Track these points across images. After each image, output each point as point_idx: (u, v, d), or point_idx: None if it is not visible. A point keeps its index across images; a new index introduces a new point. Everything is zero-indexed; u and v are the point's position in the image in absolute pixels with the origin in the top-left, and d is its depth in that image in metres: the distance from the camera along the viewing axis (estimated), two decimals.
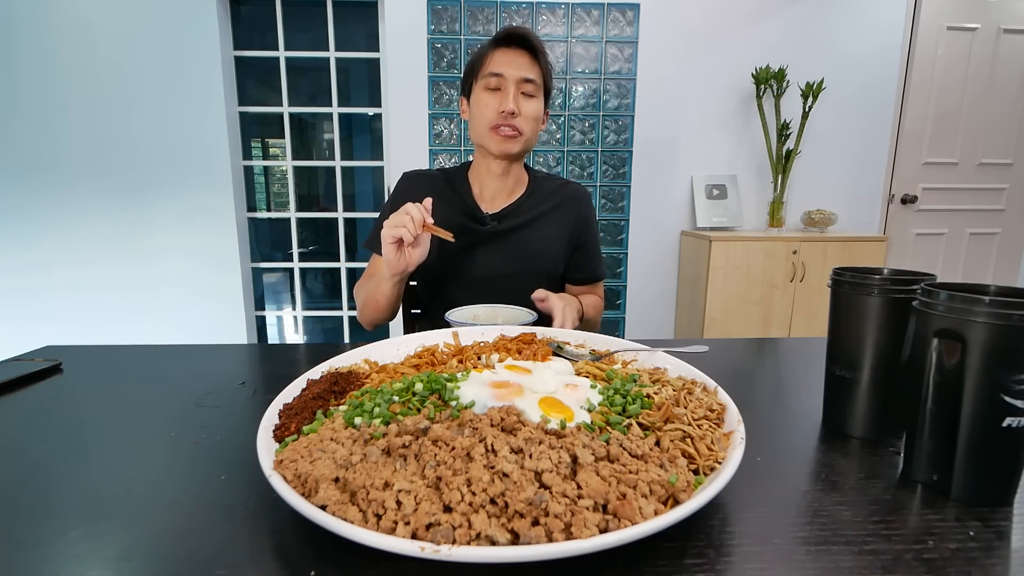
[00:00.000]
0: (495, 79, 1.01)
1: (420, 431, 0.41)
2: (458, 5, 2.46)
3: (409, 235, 0.85)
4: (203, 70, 2.41)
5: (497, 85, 1.02)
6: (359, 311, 1.07)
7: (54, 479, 0.47)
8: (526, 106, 1.03)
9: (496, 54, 1.02)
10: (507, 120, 1.01)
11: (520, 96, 1.02)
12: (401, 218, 0.86)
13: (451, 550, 0.30)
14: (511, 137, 1.03)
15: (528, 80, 1.01)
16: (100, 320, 2.57)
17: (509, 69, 1.01)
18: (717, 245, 2.37)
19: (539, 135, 1.28)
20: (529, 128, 1.04)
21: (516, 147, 1.04)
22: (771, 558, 0.36)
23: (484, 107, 1.03)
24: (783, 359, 0.89)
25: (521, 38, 1.02)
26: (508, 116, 1.01)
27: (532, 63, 1.03)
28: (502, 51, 1.02)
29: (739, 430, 0.45)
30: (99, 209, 2.48)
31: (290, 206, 2.71)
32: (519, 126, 1.02)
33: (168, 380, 0.74)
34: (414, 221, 0.85)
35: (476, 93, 1.05)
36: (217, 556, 0.36)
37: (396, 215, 0.87)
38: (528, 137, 1.05)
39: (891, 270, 0.56)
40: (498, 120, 1.02)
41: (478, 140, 1.07)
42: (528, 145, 1.07)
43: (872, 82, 2.65)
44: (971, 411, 0.42)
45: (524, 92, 1.02)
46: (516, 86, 1.01)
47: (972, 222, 2.86)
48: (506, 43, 1.03)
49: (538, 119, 1.06)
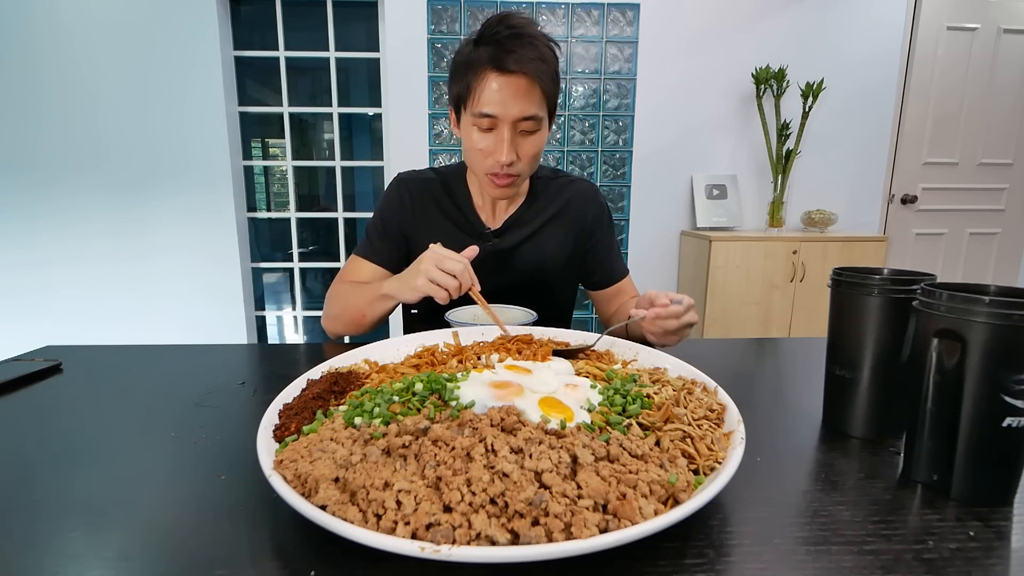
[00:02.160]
0: (488, 120, 0.86)
1: (420, 431, 0.41)
2: (458, 5, 2.46)
3: (446, 298, 0.76)
4: (203, 70, 2.41)
5: (490, 126, 0.87)
6: (331, 318, 0.95)
7: (54, 479, 0.47)
8: (525, 147, 0.90)
9: (488, 83, 0.84)
10: (503, 170, 0.89)
11: (518, 136, 0.89)
12: (445, 279, 0.75)
13: (451, 550, 0.30)
14: (508, 184, 0.92)
15: (528, 118, 0.87)
16: (100, 320, 2.57)
17: (504, 108, 0.84)
18: (717, 245, 2.37)
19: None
20: (530, 167, 0.93)
21: (514, 191, 0.96)
22: (771, 558, 0.36)
23: (477, 148, 0.90)
24: (783, 359, 0.89)
25: (519, 61, 0.83)
26: (505, 166, 0.89)
27: (531, 90, 0.85)
28: (494, 78, 0.84)
29: (739, 430, 0.45)
30: (99, 208, 2.48)
31: (290, 206, 2.71)
32: (517, 170, 0.90)
33: (168, 380, 0.74)
34: (461, 288, 0.76)
35: (466, 124, 0.90)
36: (217, 556, 0.36)
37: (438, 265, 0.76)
38: (527, 174, 0.95)
39: (891, 270, 0.56)
40: (494, 169, 0.90)
41: (472, 170, 0.97)
42: (527, 178, 0.97)
43: (872, 82, 2.65)
44: (971, 411, 0.42)
45: (523, 130, 0.88)
46: (512, 128, 0.87)
47: (972, 222, 2.86)
48: (497, 67, 0.84)
49: (539, 153, 0.93)
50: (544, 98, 0.88)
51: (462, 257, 0.77)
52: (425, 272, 0.76)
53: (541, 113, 0.88)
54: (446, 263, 0.76)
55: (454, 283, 0.75)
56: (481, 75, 0.85)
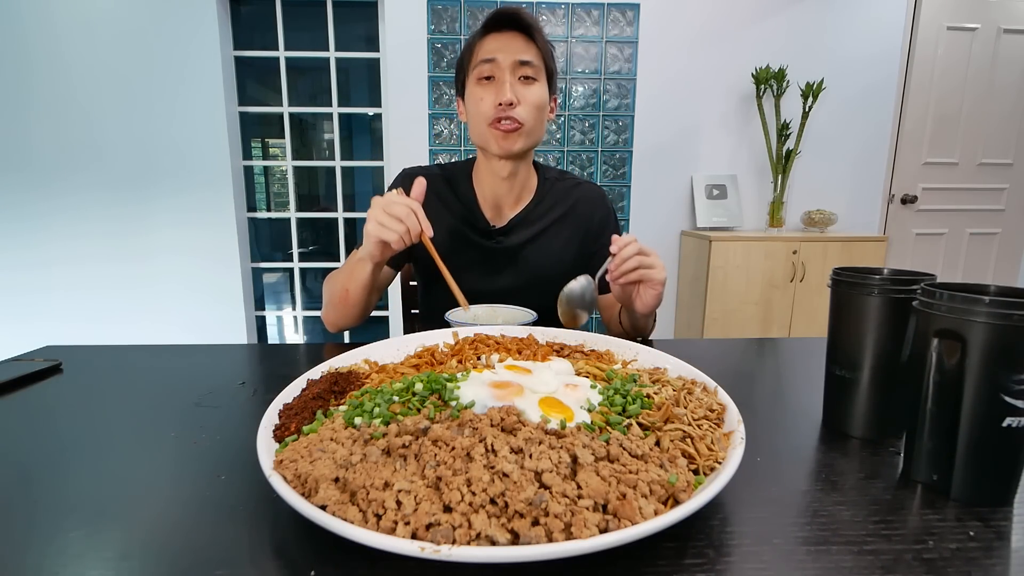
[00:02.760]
0: (487, 66, 0.90)
1: (420, 431, 0.41)
2: (458, 5, 2.46)
3: (400, 244, 0.75)
4: (203, 70, 2.41)
5: (490, 73, 0.91)
6: (326, 307, 0.95)
7: (54, 479, 0.47)
8: (526, 92, 0.91)
9: (485, 41, 0.92)
10: (506, 112, 0.90)
11: (518, 83, 0.91)
12: (392, 222, 0.74)
13: (451, 550, 0.30)
14: (513, 131, 0.91)
15: (524, 62, 0.90)
16: (100, 320, 2.57)
17: (501, 54, 0.90)
18: (717, 245, 2.37)
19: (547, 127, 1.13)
20: (532, 117, 0.92)
21: (519, 142, 0.93)
22: (771, 558, 0.36)
23: (479, 101, 0.92)
24: (783, 359, 0.89)
25: (511, 18, 0.91)
26: (506, 107, 0.89)
27: (527, 44, 0.91)
28: (492, 36, 0.92)
29: (739, 430, 0.45)
30: (99, 208, 2.48)
31: (290, 206, 2.71)
32: (520, 116, 0.91)
33: (168, 380, 0.74)
34: (411, 232, 0.75)
35: (470, 88, 0.94)
36: (217, 556, 0.36)
37: (385, 209, 0.75)
38: (532, 127, 0.94)
39: (891, 270, 0.56)
40: (496, 113, 0.90)
41: (478, 141, 0.97)
42: (534, 138, 0.96)
43: (872, 82, 2.65)
44: (971, 411, 0.42)
45: (523, 76, 0.91)
46: (512, 71, 0.90)
47: (972, 222, 2.86)
48: (495, 27, 0.92)
49: (542, 106, 0.94)
50: (540, 56, 0.93)
51: (411, 200, 0.76)
52: (372, 216, 0.75)
53: (538, 63, 0.92)
54: (392, 207, 0.74)
55: (400, 227, 0.74)
56: (480, 39, 0.93)
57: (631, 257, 0.77)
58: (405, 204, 0.75)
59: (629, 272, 0.78)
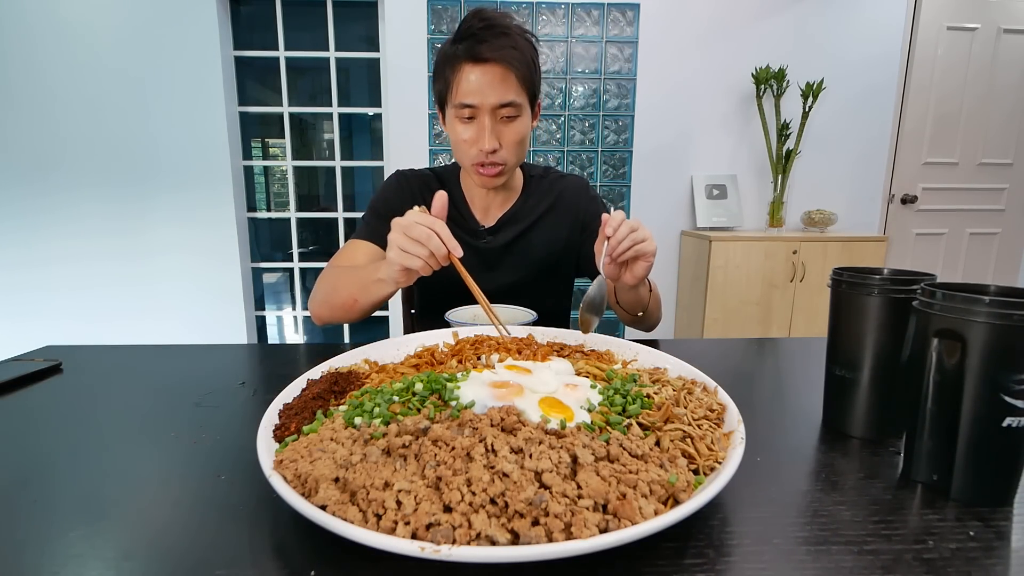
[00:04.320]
0: (468, 110, 0.89)
1: (420, 431, 0.41)
2: (458, 5, 2.46)
3: (427, 270, 0.68)
4: (203, 70, 2.41)
5: (471, 115, 0.90)
6: (318, 303, 0.89)
7: (54, 479, 0.47)
8: (507, 132, 0.91)
9: (463, 76, 0.88)
10: (488, 159, 0.91)
11: (499, 124, 0.91)
12: (414, 246, 0.66)
13: (451, 550, 0.30)
14: (495, 175, 0.94)
15: (506, 104, 0.89)
16: (100, 320, 2.57)
17: (482, 97, 0.87)
18: (717, 245, 2.37)
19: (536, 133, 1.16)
20: (514, 155, 0.94)
21: (502, 180, 0.97)
22: (771, 558, 0.36)
23: (462, 141, 0.92)
24: (783, 359, 0.89)
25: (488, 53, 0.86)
26: (489, 154, 0.91)
27: (506, 78, 0.87)
28: (470, 68, 0.87)
29: (739, 430, 0.45)
30: (99, 209, 2.48)
31: (290, 206, 2.71)
32: (502, 159, 0.92)
33: (168, 380, 0.74)
34: (434, 254, 0.67)
35: (450, 118, 0.94)
36: (217, 556, 0.36)
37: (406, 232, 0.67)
38: (514, 163, 0.96)
39: (891, 270, 0.56)
40: (479, 159, 0.92)
41: (462, 166, 0.99)
42: (516, 168, 0.98)
43: (872, 82, 2.65)
44: (971, 411, 0.42)
45: (504, 116, 0.90)
46: (492, 115, 0.89)
47: (972, 222, 2.86)
48: (472, 58, 0.87)
49: (525, 138, 0.95)
50: (521, 85, 0.90)
51: (433, 219, 0.68)
52: (394, 242, 0.68)
53: (519, 99, 0.90)
54: (413, 229, 0.67)
55: (423, 251, 0.66)
56: (458, 68, 0.88)
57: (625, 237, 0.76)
58: (426, 225, 0.67)
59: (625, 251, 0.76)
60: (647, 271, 0.80)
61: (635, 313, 0.94)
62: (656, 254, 0.80)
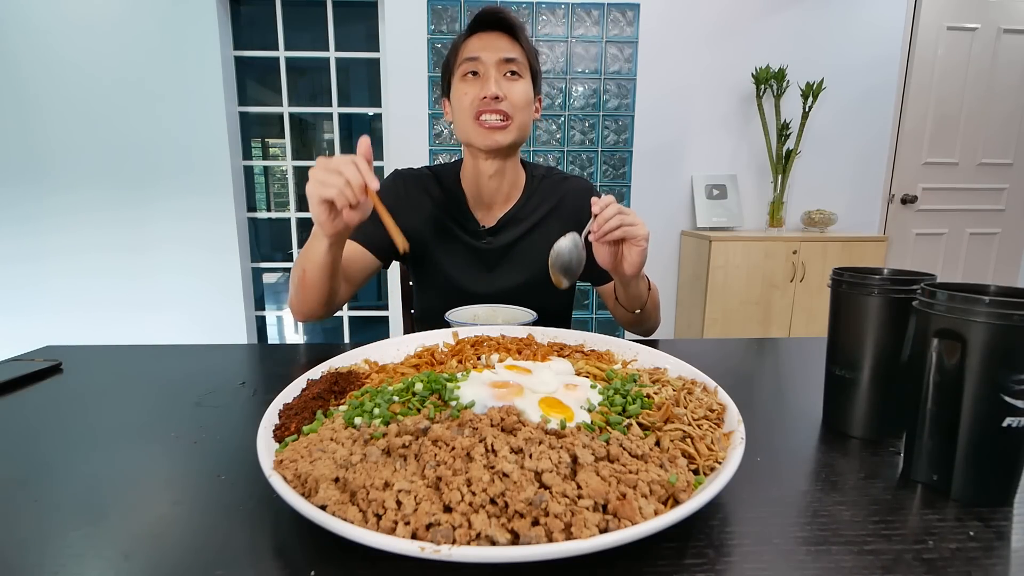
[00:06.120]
0: (472, 63, 0.91)
1: (420, 431, 0.41)
2: (458, 5, 2.46)
3: (343, 199, 0.66)
4: (203, 70, 2.41)
5: (475, 69, 0.92)
6: (292, 295, 0.86)
7: (54, 479, 0.47)
8: (511, 87, 0.92)
9: (470, 41, 0.93)
10: (491, 106, 0.90)
11: (503, 79, 0.92)
12: (332, 176, 0.66)
13: (451, 550, 0.30)
14: (498, 127, 0.91)
15: (509, 59, 0.91)
16: (100, 320, 2.57)
17: (486, 52, 0.91)
18: (717, 245, 2.37)
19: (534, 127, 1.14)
20: (519, 114, 0.93)
21: (506, 137, 0.92)
22: (771, 558, 0.36)
23: (463, 96, 0.92)
24: (783, 359, 0.89)
25: (495, 19, 0.92)
26: (492, 101, 0.90)
27: (512, 43, 0.93)
28: (476, 36, 0.93)
29: (739, 430, 0.45)
30: (99, 209, 2.48)
31: (290, 206, 2.71)
32: (506, 111, 0.91)
33: (168, 380, 0.74)
34: (352, 185, 0.66)
35: (455, 85, 0.94)
36: (217, 556, 0.36)
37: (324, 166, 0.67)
38: (519, 124, 0.93)
39: (891, 270, 0.56)
40: (480, 106, 0.91)
41: (463, 138, 0.96)
42: (520, 135, 0.95)
43: (872, 82, 2.65)
44: (971, 411, 0.42)
45: (508, 72, 0.92)
46: (497, 68, 0.91)
47: (972, 222, 2.86)
48: (479, 27, 0.93)
49: (528, 102, 0.95)
50: (524, 55, 0.94)
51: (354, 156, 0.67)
52: (312, 177, 0.68)
53: (522, 60, 0.93)
54: (331, 162, 0.67)
55: (340, 180, 0.65)
56: (465, 40, 0.94)
57: (612, 217, 0.75)
58: (347, 158, 0.67)
59: (612, 231, 0.76)
60: (641, 258, 0.80)
61: (633, 310, 0.94)
62: (648, 239, 0.80)
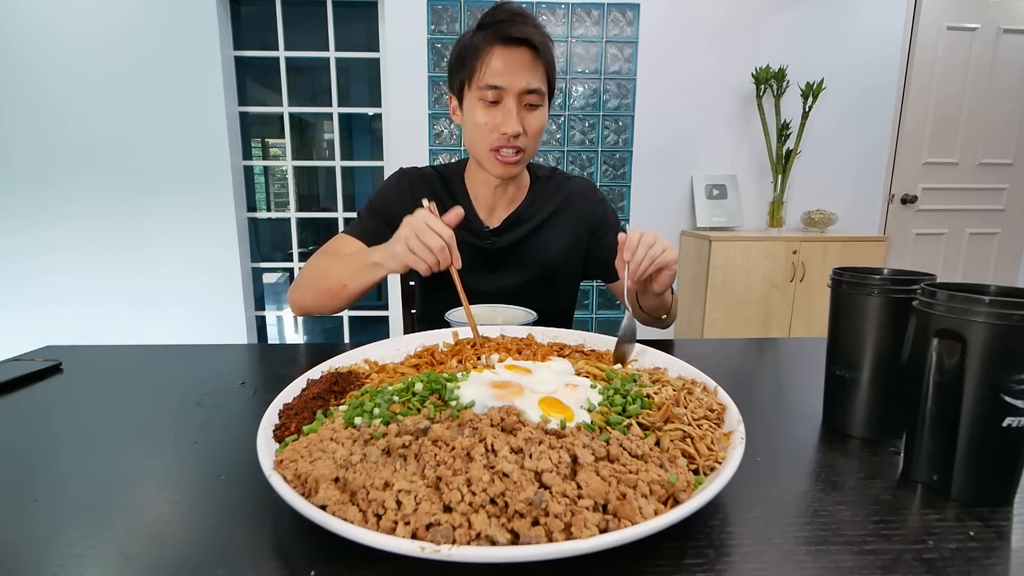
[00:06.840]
0: (494, 92, 0.88)
1: (420, 431, 0.41)
2: (458, 5, 2.46)
3: (428, 272, 0.73)
4: (203, 70, 2.41)
5: (496, 98, 0.89)
6: (302, 289, 0.90)
7: (54, 479, 0.47)
8: (530, 120, 0.91)
9: (493, 57, 0.87)
10: (510, 143, 0.90)
11: (523, 111, 0.90)
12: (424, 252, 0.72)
13: (451, 550, 0.30)
14: (513, 161, 0.92)
15: (532, 91, 0.89)
16: (100, 320, 2.57)
17: (510, 79, 0.87)
18: (717, 245, 2.37)
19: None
20: (533, 144, 0.93)
21: (519, 168, 0.95)
22: (771, 558, 0.36)
23: (482, 125, 0.90)
24: (783, 359, 0.89)
25: (522, 36, 0.87)
26: (512, 139, 0.89)
27: (535, 64, 0.88)
28: (499, 51, 0.87)
29: (739, 430, 0.45)
30: (99, 209, 2.48)
31: (290, 206, 2.71)
32: (523, 145, 0.91)
33: (168, 380, 0.74)
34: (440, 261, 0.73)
35: (470, 102, 0.91)
36: (217, 556, 0.36)
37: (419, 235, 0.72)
38: (531, 155, 0.95)
39: (891, 270, 0.56)
40: (500, 142, 0.90)
41: (475, 156, 0.96)
42: (529, 160, 0.97)
43: (872, 82, 2.65)
44: (971, 411, 0.42)
45: (528, 104, 0.90)
46: (518, 100, 0.88)
47: (972, 222, 2.86)
48: (504, 41, 0.87)
49: (543, 129, 0.94)
50: (546, 74, 0.91)
51: (444, 228, 0.73)
52: (405, 239, 0.73)
53: (544, 88, 0.91)
54: (426, 236, 0.72)
55: (432, 259, 0.72)
56: (487, 51, 0.88)
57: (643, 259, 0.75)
58: (439, 235, 0.72)
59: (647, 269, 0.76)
60: (671, 279, 0.80)
61: (658, 317, 0.95)
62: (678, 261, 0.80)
